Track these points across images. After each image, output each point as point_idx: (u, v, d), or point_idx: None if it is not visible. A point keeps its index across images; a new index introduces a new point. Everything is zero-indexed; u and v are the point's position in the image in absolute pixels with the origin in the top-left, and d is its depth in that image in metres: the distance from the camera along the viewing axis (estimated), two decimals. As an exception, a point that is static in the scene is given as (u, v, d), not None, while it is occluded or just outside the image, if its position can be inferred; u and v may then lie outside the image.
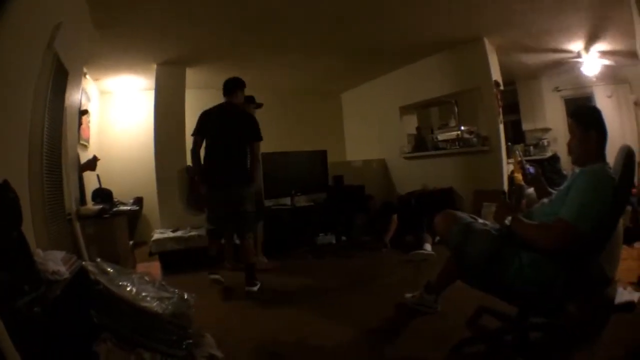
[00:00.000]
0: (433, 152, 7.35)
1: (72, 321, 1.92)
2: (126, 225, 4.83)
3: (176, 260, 5.15)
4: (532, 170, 2.74)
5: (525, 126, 9.05)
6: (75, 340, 1.89)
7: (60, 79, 3.28)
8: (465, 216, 2.56)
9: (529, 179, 2.74)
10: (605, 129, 2.22)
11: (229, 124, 4.14)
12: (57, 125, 3.35)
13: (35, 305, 1.67)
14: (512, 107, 8.44)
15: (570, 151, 2.34)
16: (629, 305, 2.90)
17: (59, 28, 2.94)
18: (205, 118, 4.20)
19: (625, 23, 5.16)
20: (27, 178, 2.63)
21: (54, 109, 3.16)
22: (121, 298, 2.15)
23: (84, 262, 2.38)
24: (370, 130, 8.92)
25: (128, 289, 2.26)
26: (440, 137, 7.34)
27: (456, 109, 7.58)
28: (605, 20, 5.41)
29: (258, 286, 4.08)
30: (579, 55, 6.84)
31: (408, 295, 3.33)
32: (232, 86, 4.26)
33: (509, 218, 2.24)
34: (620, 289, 2.96)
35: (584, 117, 2.30)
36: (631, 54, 6.15)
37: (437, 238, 5.77)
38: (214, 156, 4.15)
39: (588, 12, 5.18)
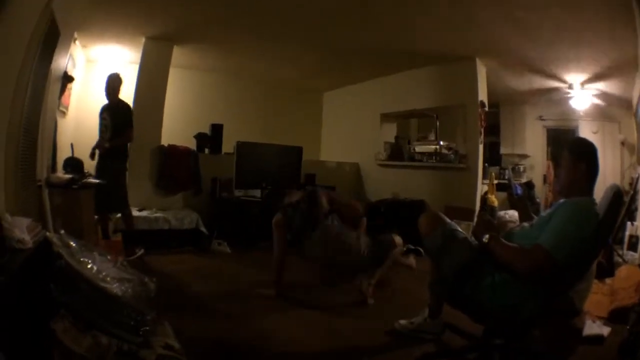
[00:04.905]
0: (409, 163, 7.41)
1: (31, 294, 1.84)
2: (93, 199, 4.61)
3: (140, 241, 4.99)
4: (519, 190, 2.67)
5: (504, 150, 9.12)
6: (33, 314, 1.81)
7: (51, 40, 3.15)
8: (450, 222, 2.50)
9: (515, 200, 2.65)
10: (597, 165, 2.19)
11: None
12: (40, 88, 3.23)
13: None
14: (492, 129, 8.39)
15: (553, 181, 2.32)
16: (598, 339, 2.95)
17: (60, -13, 2.84)
18: None
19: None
20: (5, 138, 2.52)
21: (39, 70, 3.04)
22: (81, 275, 2.07)
23: (48, 233, 2.29)
24: (348, 133, 8.94)
25: (89, 266, 2.19)
26: (418, 148, 7.39)
27: (437, 124, 7.58)
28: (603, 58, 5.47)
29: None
30: (570, 87, 6.89)
31: (403, 321, 2.99)
32: None
33: (487, 236, 2.19)
34: (589, 322, 3.00)
35: (578, 147, 2.29)
36: (625, 104, 6.41)
37: (405, 248, 5.82)
38: None
39: (586, 48, 5.23)
